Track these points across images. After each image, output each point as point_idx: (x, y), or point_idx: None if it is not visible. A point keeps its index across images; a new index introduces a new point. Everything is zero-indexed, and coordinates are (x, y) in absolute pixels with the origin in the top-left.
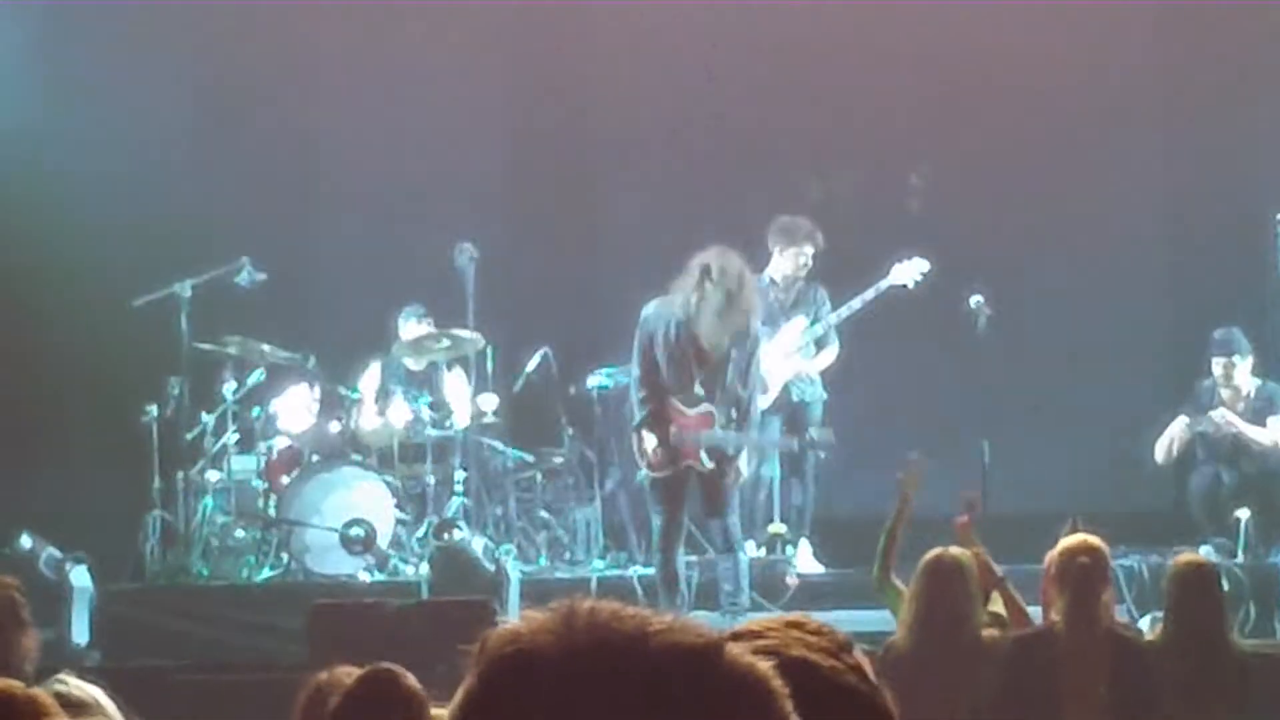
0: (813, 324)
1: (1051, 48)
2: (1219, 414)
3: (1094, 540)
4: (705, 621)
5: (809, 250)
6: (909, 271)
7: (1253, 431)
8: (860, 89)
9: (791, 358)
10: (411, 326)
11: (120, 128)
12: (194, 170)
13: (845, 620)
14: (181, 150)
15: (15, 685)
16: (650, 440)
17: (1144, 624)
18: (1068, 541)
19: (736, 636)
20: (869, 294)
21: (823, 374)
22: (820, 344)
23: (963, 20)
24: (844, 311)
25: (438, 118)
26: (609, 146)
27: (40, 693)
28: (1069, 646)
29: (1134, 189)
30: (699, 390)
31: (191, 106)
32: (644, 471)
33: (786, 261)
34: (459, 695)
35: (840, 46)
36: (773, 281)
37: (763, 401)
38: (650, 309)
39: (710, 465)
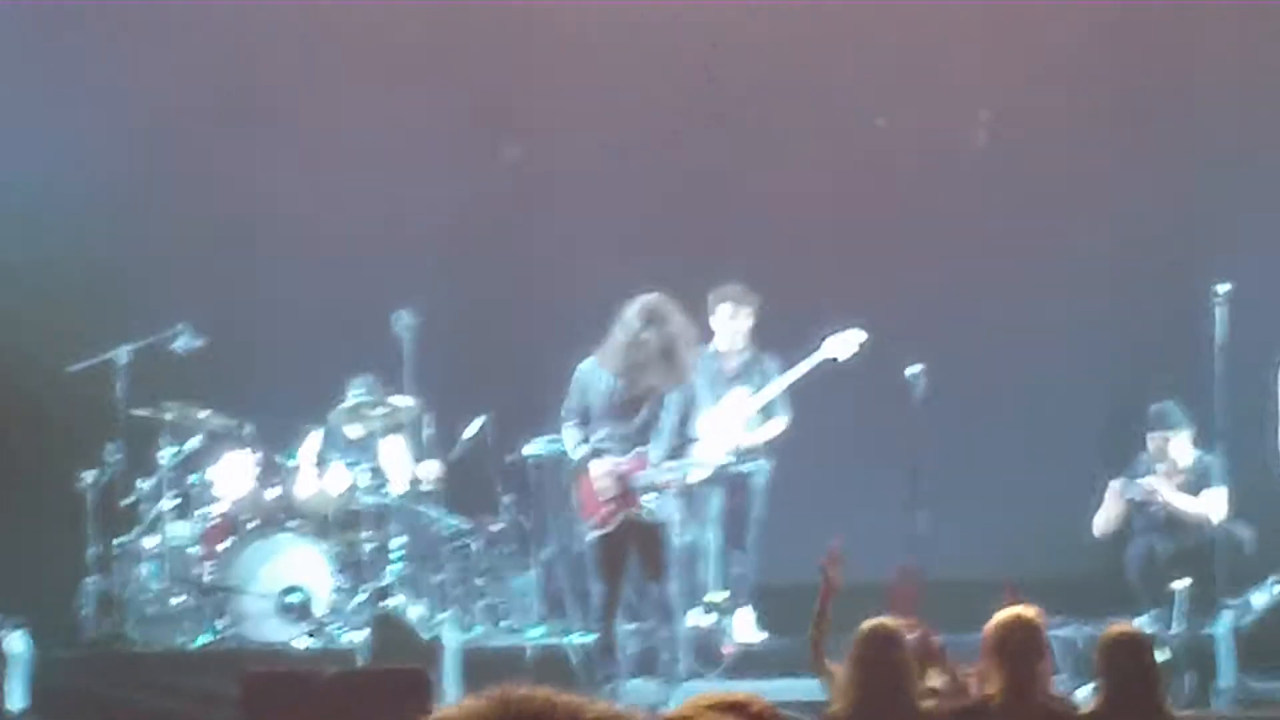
0: (755, 394)
1: (999, 116)
2: (1147, 481)
3: (1028, 613)
4: (642, 689)
5: (744, 313)
6: (843, 344)
7: (1179, 500)
8: (795, 155)
9: (734, 429)
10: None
11: (55, 191)
12: (131, 235)
13: (785, 689)
14: (119, 214)
15: None
16: (598, 468)
17: (1081, 695)
18: (1002, 615)
19: (669, 717)
20: (802, 367)
21: (766, 444)
22: (767, 414)
23: (918, 84)
24: (779, 384)
25: (379, 182)
26: (551, 213)
27: None
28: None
29: (1074, 258)
30: (633, 438)
31: (129, 171)
32: (589, 530)
33: (722, 325)
34: None
35: (786, 110)
36: (717, 352)
37: (702, 473)
38: (585, 363)
39: (652, 510)
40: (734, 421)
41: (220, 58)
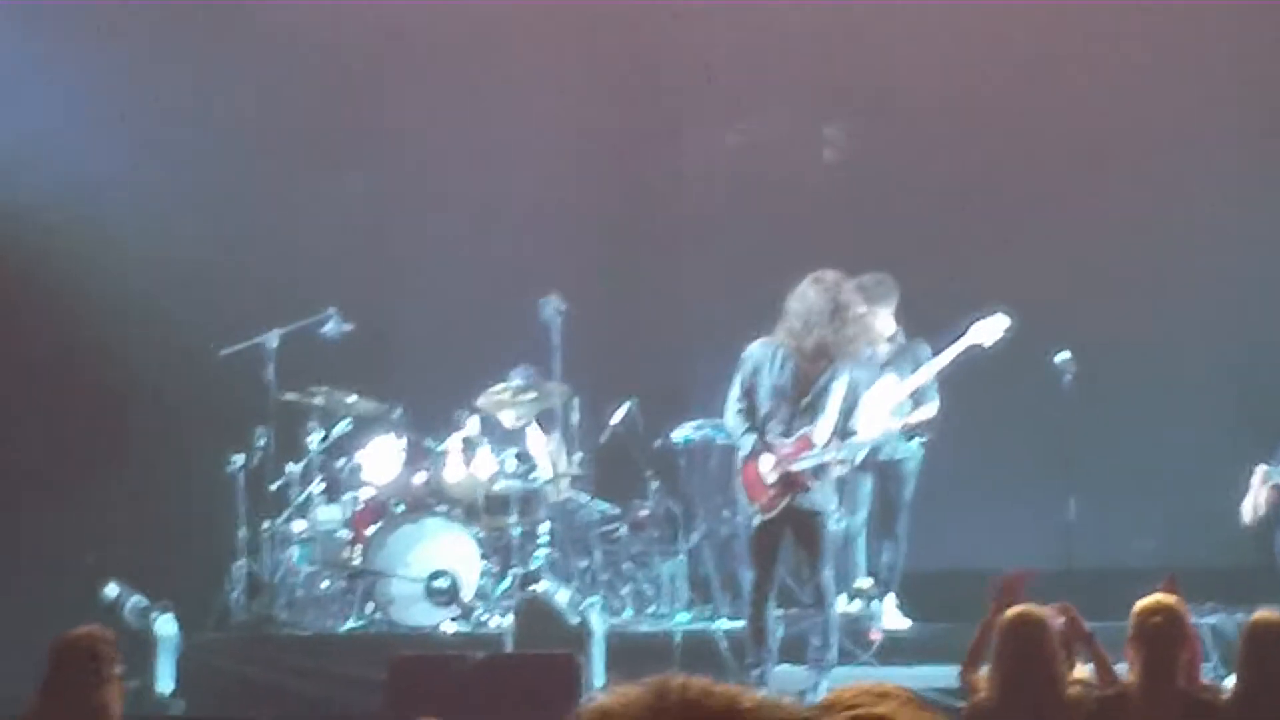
0: (901, 382)
1: (1136, 93)
2: None
3: (1168, 599)
4: (790, 675)
5: (884, 304)
6: (989, 329)
7: None
8: (944, 143)
9: (884, 415)
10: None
11: (210, 177)
12: (282, 221)
13: (929, 675)
14: (268, 199)
15: None
16: (767, 463)
17: (1230, 683)
18: (1143, 601)
19: (828, 708)
20: (949, 353)
21: (919, 426)
22: (918, 400)
23: (1053, 76)
24: (927, 371)
25: (525, 168)
26: (698, 197)
27: None
28: (1142, 707)
29: (1217, 243)
30: (797, 421)
31: (281, 158)
32: (752, 515)
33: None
34: None
35: (932, 96)
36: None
37: (864, 453)
38: (753, 346)
39: (812, 497)
40: (885, 408)
41: (372, 47)
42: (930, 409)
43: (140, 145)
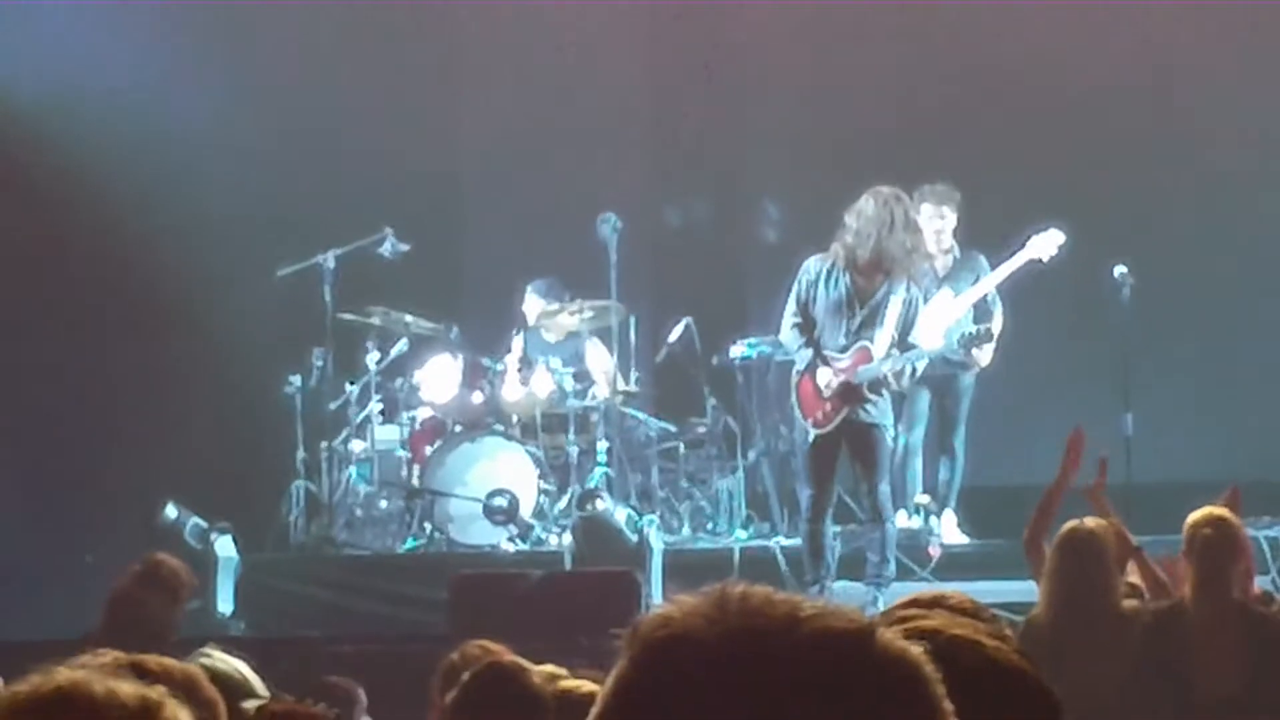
0: (958, 296)
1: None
2: None
3: (1221, 511)
4: (850, 590)
5: (947, 211)
6: (1046, 244)
7: None
8: (1002, 58)
9: (943, 329)
10: (534, 301)
11: (266, 100)
12: (337, 141)
13: (987, 590)
14: (325, 121)
15: (172, 663)
16: (824, 377)
17: None
18: (1195, 514)
19: (890, 615)
20: (1007, 267)
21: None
22: (982, 313)
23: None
24: (985, 285)
25: (581, 85)
26: (753, 117)
27: (195, 669)
28: (1198, 619)
29: (1277, 154)
30: (854, 335)
31: (336, 77)
32: (808, 430)
33: (927, 225)
34: (611, 678)
35: (991, 11)
36: (926, 253)
37: (924, 363)
38: (809, 260)
39: (869, 411)
40: (944, 322)
41: None
42: (996, 322)
43: (197, 65)
